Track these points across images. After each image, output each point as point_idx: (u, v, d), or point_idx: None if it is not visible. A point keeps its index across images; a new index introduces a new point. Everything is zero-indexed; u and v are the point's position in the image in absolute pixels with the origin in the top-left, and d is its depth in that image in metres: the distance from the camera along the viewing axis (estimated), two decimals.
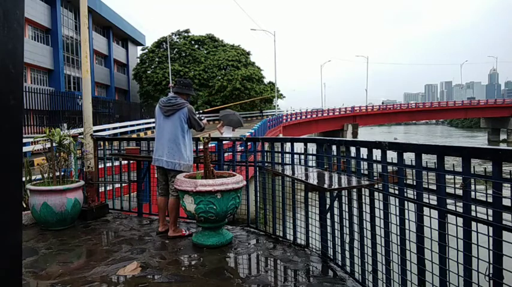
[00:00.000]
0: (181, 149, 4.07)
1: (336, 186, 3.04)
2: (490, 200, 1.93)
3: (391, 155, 2.66)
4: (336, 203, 3.30)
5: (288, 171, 3.67)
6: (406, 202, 2.53)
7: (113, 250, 3.70)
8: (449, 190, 2.24)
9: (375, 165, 2.90)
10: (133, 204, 5.31)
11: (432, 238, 2.30)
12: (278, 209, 4.10)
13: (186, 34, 43.13)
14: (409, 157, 2.50)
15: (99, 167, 5.31)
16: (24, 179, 4.92)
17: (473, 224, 2.04)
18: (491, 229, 1.92)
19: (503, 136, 53.15)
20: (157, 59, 40.42)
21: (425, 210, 2.36)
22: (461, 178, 2.10)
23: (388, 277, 2.65)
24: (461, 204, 2.11)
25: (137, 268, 3.21)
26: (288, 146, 4.11)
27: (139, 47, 46.32)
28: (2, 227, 1.20)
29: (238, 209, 4.06)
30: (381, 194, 2.77)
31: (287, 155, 4.11)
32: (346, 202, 3.21)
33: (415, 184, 2.44)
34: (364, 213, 2.97)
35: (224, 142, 4.84)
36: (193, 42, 43.02)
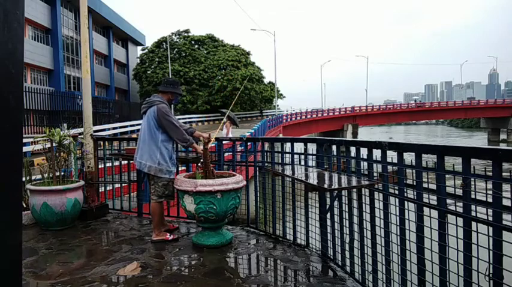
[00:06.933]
0: (150, 150, 3.85)
1: (336, 186, 3.04)
2: (490, 200, 1.93)
3: (391, 155, 2.66)
4: (336, 203, 3.30)
5: (288, 171, 3.67)
6: (406, 202, 2.53)
7: (113, 250, 3.70)
8: (449, 190, 2.24)
9: (375, 165, 2.91)
10: (133, 204, 5.31)
11: (432, 238, 2.30)
12: (278, 209, 4.10)
13: (186, 34, 43.09)
14: (409, 157, 2.50)
15: (99, 167, 5.31)
16: (24, 179, 4.92)
17: (473, 224, 2.04)
18: (491, 229, 1.92)
19: (503, 136, 53.12)
20: (157, 59, 40.37)
21: (425, 210, 2.36)
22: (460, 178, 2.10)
23: (388, 277, 2.65)
24: (461, 204, 2.11)
25: (137, 268, 3.21)
26: (288, 146, 4.11)
27: (139, 47, 46.30)
28: (2, 227, 1.20)
29: (238, 209, 4.06)
30: (381, 194, 2.77)
31: (287, 155, 4.11)
32: (346, 202, 3.21)
33: (415, 184, 2.44)
34: (364, 213, 2.97)
35: (224, 142, 4.84)
36: (193, 42, 42.98)
